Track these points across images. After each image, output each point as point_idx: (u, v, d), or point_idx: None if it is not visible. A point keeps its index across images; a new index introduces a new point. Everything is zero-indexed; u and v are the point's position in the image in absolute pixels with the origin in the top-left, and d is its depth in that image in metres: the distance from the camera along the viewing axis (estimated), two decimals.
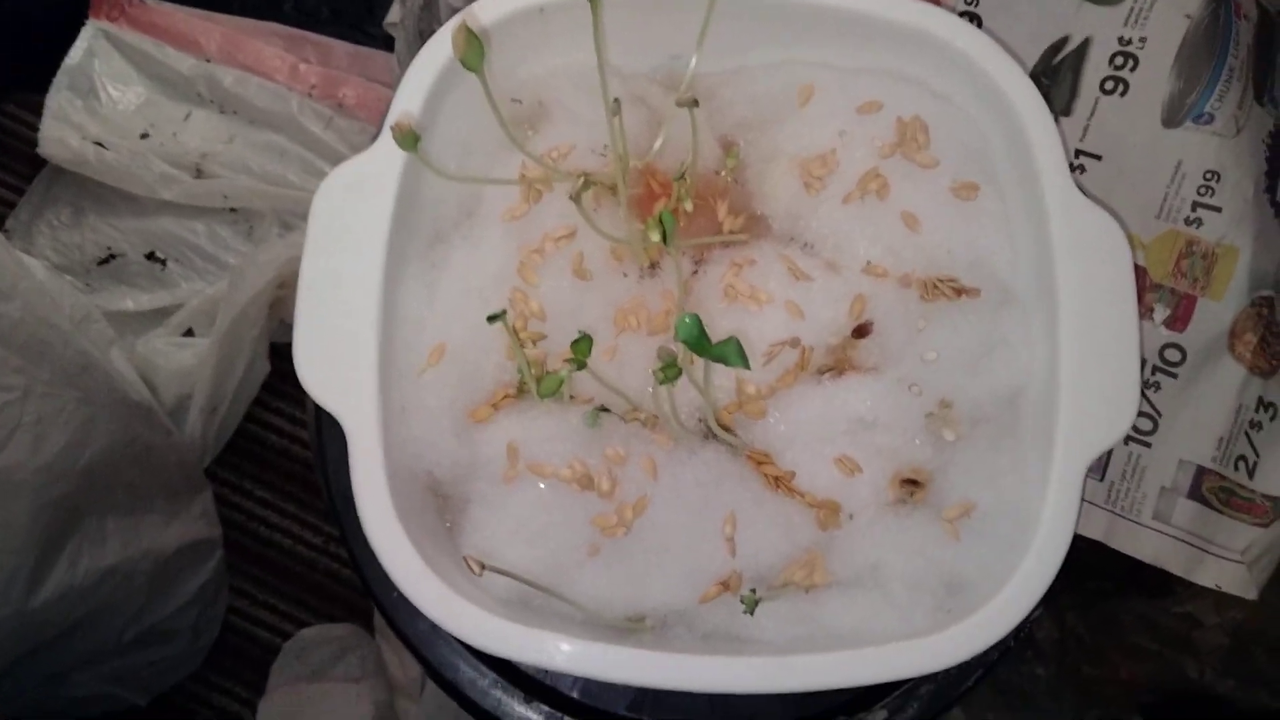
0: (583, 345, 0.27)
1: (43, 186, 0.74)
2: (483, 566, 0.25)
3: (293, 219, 0.70)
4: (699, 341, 0.23)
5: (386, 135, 0.30)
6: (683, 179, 0.32)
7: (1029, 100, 0.31)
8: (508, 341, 0.30)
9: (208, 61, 0.74)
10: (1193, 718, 0.59)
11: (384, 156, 0.30)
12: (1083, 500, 0.30)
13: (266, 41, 0.76)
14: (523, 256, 0.32)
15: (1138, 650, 0.52)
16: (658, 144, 0.33)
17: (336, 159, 0.71)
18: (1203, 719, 0.58)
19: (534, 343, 0.31)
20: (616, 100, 0.30)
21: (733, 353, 0.23)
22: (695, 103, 0.29)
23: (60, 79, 0.72)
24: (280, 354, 0.68)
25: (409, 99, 0.30)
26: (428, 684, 0.50)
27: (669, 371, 0.26)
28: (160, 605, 0.56)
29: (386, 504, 0.27)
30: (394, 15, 0.73)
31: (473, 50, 0.25)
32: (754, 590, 0.28)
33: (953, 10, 0.38)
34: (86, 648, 0.51)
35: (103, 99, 0.74)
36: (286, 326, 0.68)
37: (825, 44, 0.34)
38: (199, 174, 0.70)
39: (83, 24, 0.74)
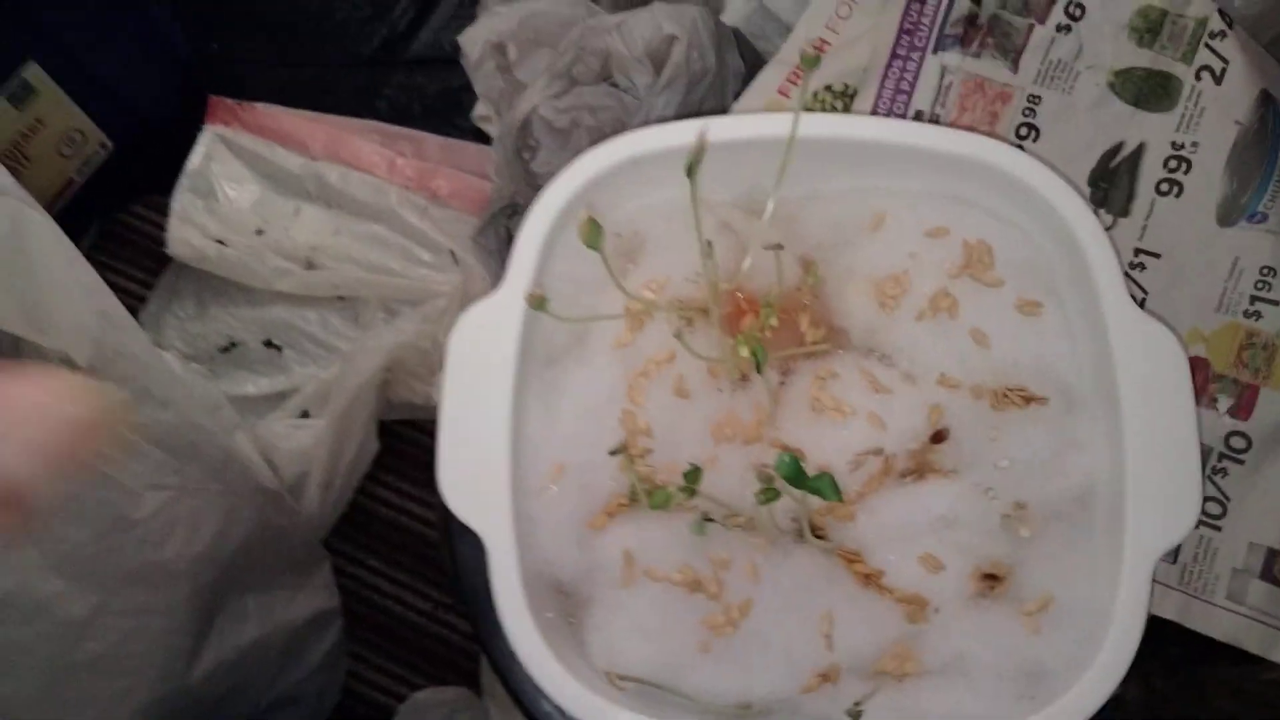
0: (694, 475, 0.30)
1: (169, 282, 0.81)
2: (622, 678, 0.29)
3: (396, 304, 0.76)
4: (798, 478, 0.27)
5: (512, 279, 0.34)
6: (769, 305, 0.35)
7: (1085, 222, 0.34)
8: (623, 460, 0.34)
9: (313, 159, 0.80)
10: None
11: (509, 300, 0.34)
12: (1153, 587, 0.32)
13: (365, 138, 0.82)
14: (630, 380, 0.36)
15: (1224, 716, 0.53)
16: (745, 265, 0.37)
17: (433, 246, 0.76)
18: None
19: (644, 457, 0.35)
20: (709, 242, 0.34)
21: (826, 487, 0.27)
22: (780, 246, 0.33)
23: (183, 182, 0.79)
24: (388, 432, 0.73)
25: (527, 252, 0.35)
26: None
27: (769, 494, 0.29)
28: (291, 673, 0.61)
29: (524, 612, 0.31)
30: (480, 110, 0.78)
31: (594, 233, 0.29)
32: (858, 703, 0.31)
33: (1009, 133, 0.41)
34: (231, 716, 0.56)
35: (221, 199, 0.81)
36: (394, 405, 0.74)
37: (894, 173, 0.37)
38: (309, 266, 0.77)
39: (200, 129, 0.81)
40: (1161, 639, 0.58)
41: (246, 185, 0.81)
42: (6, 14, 0.65)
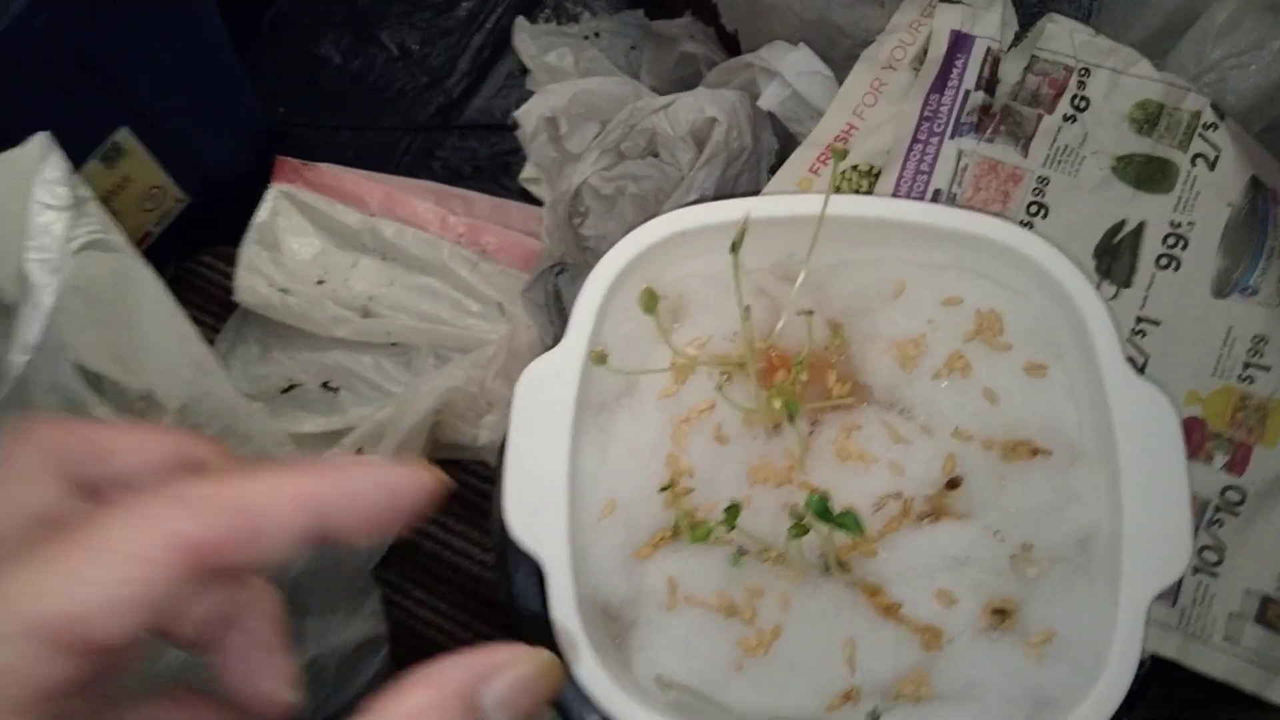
0: (732, 511, 0.35)
1: (235, 326, 0.87)
2: (667, 684, 0.32)
3: (446, 351, 0.81)
4: (826, 515, 0.31)
5: (573, 335, 0.39)
6: (800, 363, 0.40)
7: (1085, 294, 0.38)
8: (669, 497, 0.38)
9: (371, 215, 0.86)
10: None
11: (569, 354, 0.39)
12: (1150, 628, 0.35)
13: (420, 197, 0.88)
14: (674, 426, 0.40)
15: None
16: (779, 327, 0.42)
17: (481, 298, 0.82)
18: None
19: (686, 495, 0.39)
20: (747, 307, 0.38)
21: (851, 524, 0.31)
22: (811, 311, 0.37)
23: (250, 234, 0.86)
24: None
25: (587, 312, 0.39)
26: None
27: (799, 530, 0.33)
28: (341, 694, 0.65)
29: (579, 630, 0.35)
30: (527, 172, 0.84)
31: (652, 302, 0.33)
32: (875, 709, 0.34)
33: (1020, 211, 0.45)
34: None
35: (285, 251, 0.87)
36: (441, 446, 0.78)
37: (914, 247, 0.42)
38: (366, 314, 0.82)
39: (267, 186, 0.88)
40: (1174, 682, 0.61)
41: (309, 239, 0.87)
42: (104, 85, 0.71)
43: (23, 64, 0.61)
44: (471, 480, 0.81)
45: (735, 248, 0.34)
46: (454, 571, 0.78)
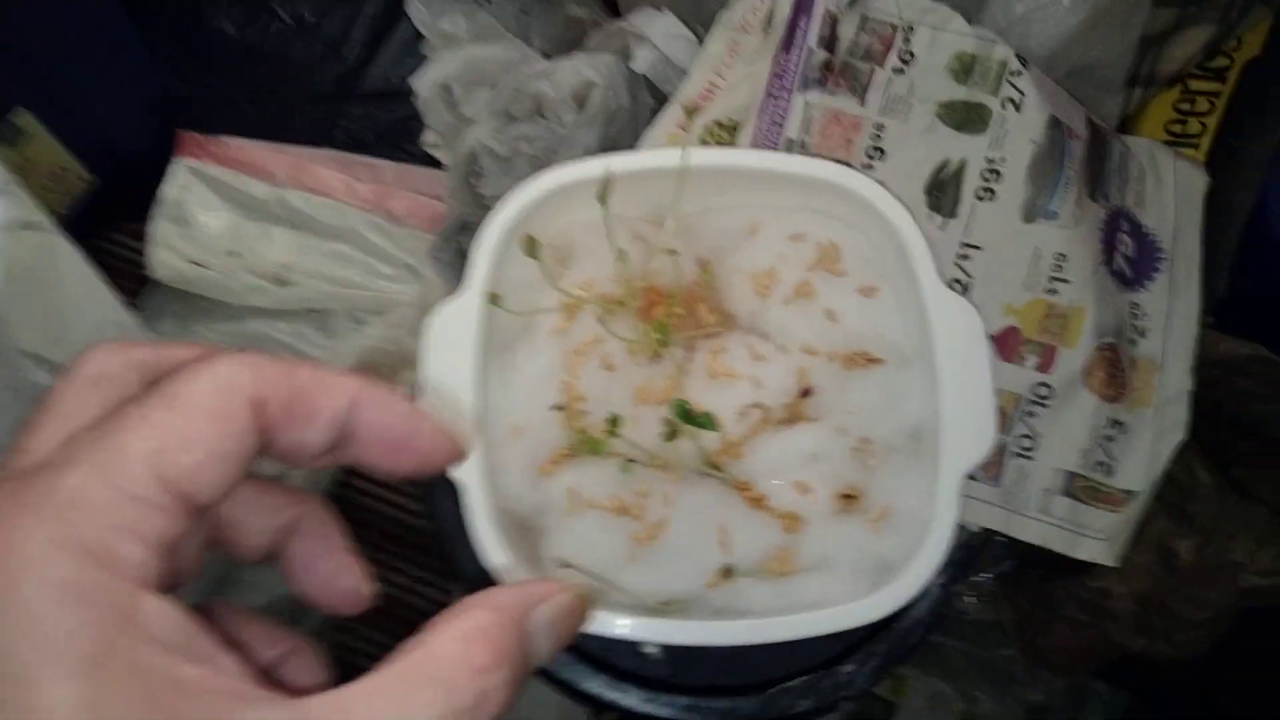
0: (614, 422, 0.41)
1: (150, 302, 0.89)
2: (564, 564, 0.39)
3: (361, 314, 0.85)
4: (685, 416, 0.37)
5: (471, 282, 0.44)
6: (674, 295, 0.46)
7: (906, 225, 0.45)
8: (564, 418, 0.44)
9: (278, 186, 0.89)
10: (1131, 674, 0.71)
11: (469, 299, 0.44)
12: (965, 500, 0.43)
13: (325, 165, 0.91)
14: (567, 358, 0.46)
15: (1072, 621, 0.65)
16: (653, 267, 0.48)
17: (392, 261, 0.86)
18: (1137, 674, 0.71)
19: (581, 417, 0.45)
20: (622, 250, 0.44)
21: (707, 422, 0.37)
22: (676, 251, 0.43)
23: (158, 210, 0.88)
24: None
25: (482, 261, 0.44)
26: None
27: (670, 434, 0.40)
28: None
29: (496, 538, 0.41)
30: (429, 138, 0.88)
31: (533, 247, 0.39)
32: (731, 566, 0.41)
33: (860, 155, 0.52)
34: None
35: (195, 225, 0.89)
36: None
37: (768, 191, 0.48)
38: (280, 283, 0.85)
39: (170, 161, 0.89)
40: (1024, 565, 0.71)
41: (218, 212, 0.89)
42: None
43: None
44: None
45: (603, 199, 0.40)
46: (390, 524, 0.83)
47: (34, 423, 0.19)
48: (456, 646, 0.20)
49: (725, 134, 0.53)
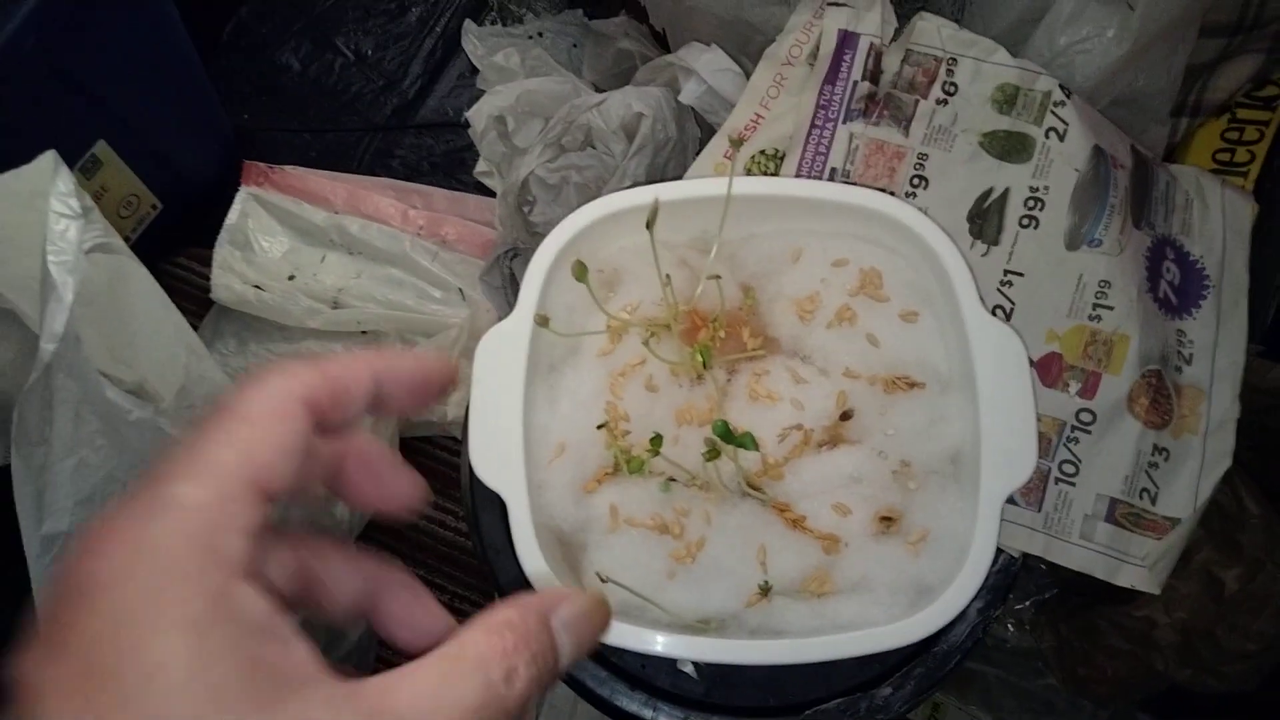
0: (656, 441, 0.42)
1: (212, 323, 0.93)
2: (605, 579, 0.40)
3: (412, 336, 0.87)
4: (727, 436, 0.38)
5: (522, 306, 0.46)
6: (717, 319, 0.47)
7: (949, 252, 0.46)
8: (607, 437, 0.45)
9: (336, 213, 0.92)
10: (1178, 708, 0.70)
11: (519, 322, 0.46)
12: (1004, 525, 0.43)
13: (381, 193, 0.94)
14: (611, 379, 0.47)
15: (1115, 651, 0.64)
16: (698, 292, 0.49)
17: (443, 285, 0.88)
18: (1184, 708, 0.69)
19: (623, 436, 0.46)
20: (668, 275, 0.45)
21: (748, 442, 0.38)
22: (719, 276, 0.44)
23: (223, 236, 0.91)
24: (407, 447, 0.84)
25: (533, 286, 0.46)
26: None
27: (711, 454, 0.41)
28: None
29: (535, 547, 0.42)
30: (481, 167, 0.91)
31: (582, 272, 0.40)
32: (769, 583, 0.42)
33: (903, 184, 0.53)
34: None
35: (256, 250, 0.92)
36: (413, 424, 0.85)
37: (810, 219, 0.49)
38: (335, 305, 0.88)
39: (236, 190, 0.93)
40: (1065, 593, 0.70)
41: (278, 237, 0.93)
42: (84, 101, 0.77)
43: (12, 83, 0.66)
44: (442, 454, 0.88)
45: (650, 226, 0.41)
46: (431, 539, 0.85)
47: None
48: (486, 635, 0.23)
49: (770, 163, 0.55)
